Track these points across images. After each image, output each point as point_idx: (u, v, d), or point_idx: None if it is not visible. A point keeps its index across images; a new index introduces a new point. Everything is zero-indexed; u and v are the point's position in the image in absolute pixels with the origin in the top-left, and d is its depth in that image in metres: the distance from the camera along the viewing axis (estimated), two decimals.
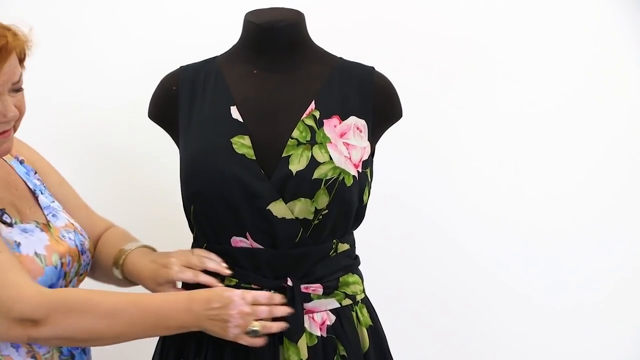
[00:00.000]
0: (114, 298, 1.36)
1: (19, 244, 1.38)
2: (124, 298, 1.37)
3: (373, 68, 1.59)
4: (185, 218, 1.55)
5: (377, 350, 1.55)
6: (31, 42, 1.38)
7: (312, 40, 1.60)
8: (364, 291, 1.57)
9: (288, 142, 1.46)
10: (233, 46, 1.61)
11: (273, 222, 1.44)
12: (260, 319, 1.37)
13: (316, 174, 1.44)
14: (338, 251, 1.50)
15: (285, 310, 1.41)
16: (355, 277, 1.55)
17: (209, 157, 1.46)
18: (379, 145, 1.61)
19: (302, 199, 1.44)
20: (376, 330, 1.56)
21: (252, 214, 1.44)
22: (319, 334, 1.47)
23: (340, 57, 1.60)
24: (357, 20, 2.16)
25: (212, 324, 1.36)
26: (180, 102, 1.54)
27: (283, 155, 1.45)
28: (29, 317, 1.30)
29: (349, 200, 1.47)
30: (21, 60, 1.38)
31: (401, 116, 1.61)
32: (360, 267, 1.59)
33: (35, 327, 1.31)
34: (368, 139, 1.52)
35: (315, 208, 1.44)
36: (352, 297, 1.53)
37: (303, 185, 1.44)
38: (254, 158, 1.45)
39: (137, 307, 1.36)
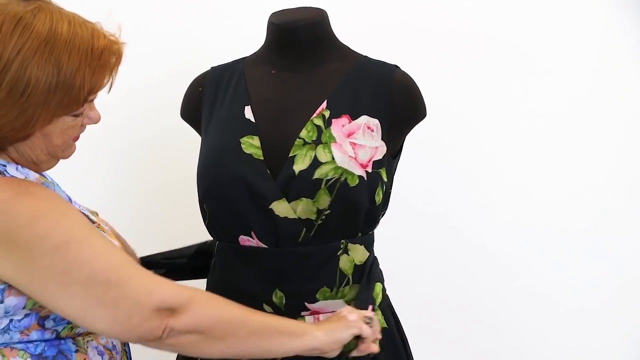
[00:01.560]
0: (241, 306, 1.29)
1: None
2: (250, 309, 1.31)
3: (395, 66, 1.56)
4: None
5: (390, 356, 1.52)
6: (126, 43, 1.33)
7: (335, 39, 1.59)
8: (382, 295, 1.54)
9: (295, 142, 1.46)
10: (260, 47, 1.63)
11: (276, 221, 1.44)
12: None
13: (317, 174, 1.43)
14: (349, 252, 1.49)
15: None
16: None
17: (218, 157, 1.50)
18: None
19: (304, 198, 1.43)
20: (390, 334, 1.52)
21: (256, 213, 1.45)
22: None
23: (366, 56, 1.58)
24: (382, 20, 2.18)
25: (332, 321, 1.34)
26: (203, 102, 1.59)
27: (290, 155, 1.45)
28: (170, 302, 1.18)
29: (353, 200, 1.45)
30: None
31: (425, 116, 1.57)
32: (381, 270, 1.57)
33: (175, 315, 1.19)
34: (382, 139, 1.49)
35: (317, 208, 1.44)
36: (366, 299, 1.48)
37: (305, 185, 1.43)
38: (262, 158, 1.46)
39: (265, 316, 1.32)
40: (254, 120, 1.50)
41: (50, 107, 1.21)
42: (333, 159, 1.44)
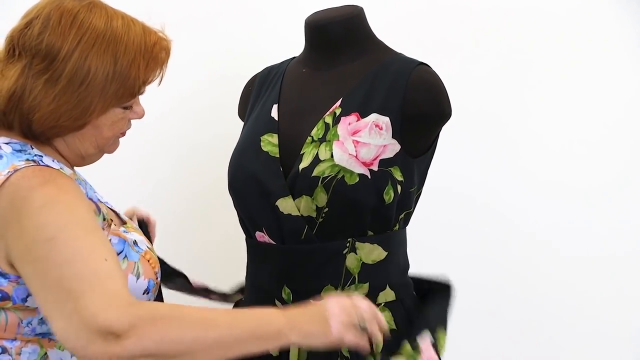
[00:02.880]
0: (201, 309, 1.21)
1: (136, 242, 1.36)
2: (212, 308, 1.23)
3: (419, 63, 1.50)
4: None
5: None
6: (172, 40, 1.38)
7: (371, 35, 1.58)
8: (394, 294, 1.50)
9: (306, 140, 1.48)
10: None
11: (280, 218, 1.47)
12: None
13: (315, 172, 1.43)
14: (356, 250, 1.47)
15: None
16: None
17: (239, 154, 1.56)
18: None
19: (305, 196, 1.45)
20: (399, 335, 1.45)
21: (264, 210, 1.49)
22: None
23: (399, 54, 1.55)
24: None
25: (310, 323, 1.21)
26: (249, 101, 1.67)
27: (300, 152, 1.48)
28: (112, 327, 1.10)
29: (352, 198, 1.43)
30: None
31: (448, 113, 1.49)
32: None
33: (119, 341, 1.10)
34: (394, 137, 1.45)
35: (316, 206, 1.44)
36: (373, 297, 1.46)
37: (305, 182, 1.44)
38: (277, 156, 1.50)
39: (228, 315, 1.22)
40: (277, 119, 1.54)
41: (107, 96, 1.27)
42: (332, 156, 1.43)
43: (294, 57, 1.68)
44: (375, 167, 1.44)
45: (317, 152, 1.45)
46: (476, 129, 2.18)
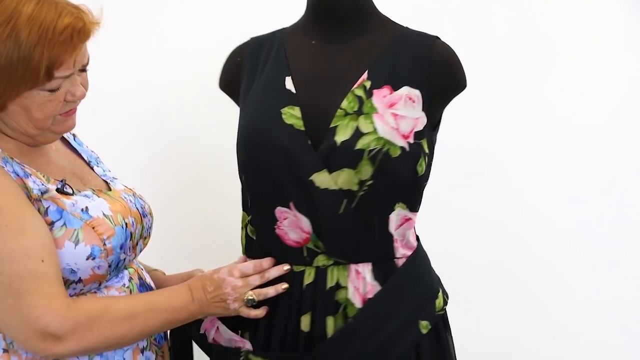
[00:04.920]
0: (127, 302, 1.42)
1: (87, 209, 1.41)
2: (137, 301, 1.43)
3: (436, 37, 1.54)
4: None
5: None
6: (100, 23, 1.40)
7: (375, 9, 1.58)
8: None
9: (336, 113, 1.45)
10: (300, 18, 1.62)
11: (316, 193, 1.44)
12: (255, 288, 1.48)
13: (359, 145, 1.42)
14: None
15: (280, 270, 1.50)
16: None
17: (259, 127, 1.49)
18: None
19: (346, 169, 1.43)
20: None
21: (295, 185, 1.45)
22: (359, 306, 1.46)
23: (406, 27, 1.57)
24: None
25: (214, 306, 1.48)
26: (242, 73, 1.59)
27: (331, 125, 1.45)
28: (53, 331, 1.29)
29: (395, 171, 1.44)
30: None
31: (465, 87, 1.55)
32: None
33: (59, 343, 1.31)
34: (423, 110, 1.48)
35: (360, 179, 1.43)
36: None
37: (346, 155, 1.42)
38: (303, 129, 1.46)
39: (149, 309, 1.42)
40: (294, 91, 1.49)
41: (14, 80, 1.29)
42: (375, 129, 1.43)
43: (284, 28, 1.63)
44: (411, 140, 1.46)
45: (357, 125, 1.43)
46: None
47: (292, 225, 1.48)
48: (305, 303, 1.48)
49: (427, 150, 1.49)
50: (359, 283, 1.47)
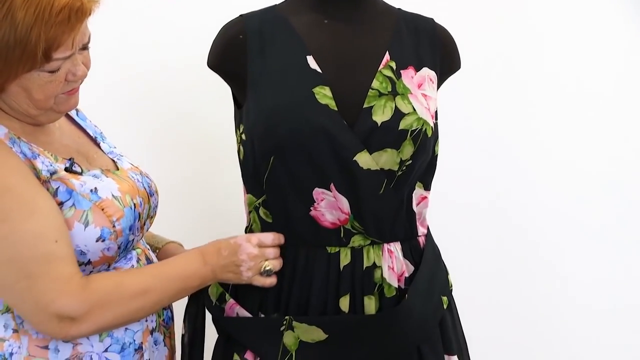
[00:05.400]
0: (139, 276, 1.40)
1: (96, 190, 1.38)
2: (148, 273, 1.41)
3: (433, 19, 1.60)
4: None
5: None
6: (99, 2, 1.35)
7: None
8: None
9: (369, 93, 1.45)
10: None
11: (358, 173, 1.43)
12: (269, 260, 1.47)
13: (402, 125, 1.44)
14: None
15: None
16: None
17: (292, 108, 1.43)
18: None
19: (389, 149, 1.44)
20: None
21: (337, 165, 1.43)
22: (396, 285, 1.49)
23: (399, 9, 1.60)
24: None
25: (226, 271, 1.46)
26: (249, 52, 1.50)
27: (365, 106, 1.44)
28: (69, 313, 1.29)
29: (428, 150, 1.49)
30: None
31: (459, 67, 1.64)
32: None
33: (75, 324, 1.30)
34: (436, 90, 1.54)
35: (401, 159, 1.45)
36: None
37: (389, 136, 1.44)
38: (336, 109, 1.43)
39: (161, 279, 1.41)
40: (320, 71, 1.46)
41: (12, 63, 1.26)
42: (414, 109, 1.46)
43: (274, 6, 1.58)
44: (435, 120, 1.52)
45: (396, 106, 1.45)
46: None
47: (330, 207, 1.46)
48: (344, 284, 1.47)
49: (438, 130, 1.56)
50: (393, 262, 1.49)
